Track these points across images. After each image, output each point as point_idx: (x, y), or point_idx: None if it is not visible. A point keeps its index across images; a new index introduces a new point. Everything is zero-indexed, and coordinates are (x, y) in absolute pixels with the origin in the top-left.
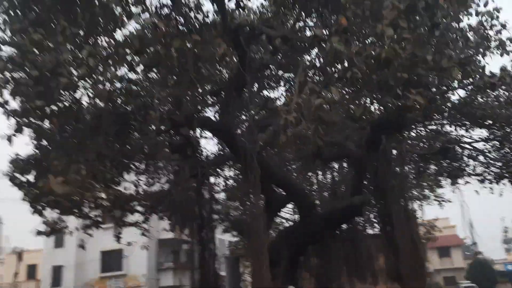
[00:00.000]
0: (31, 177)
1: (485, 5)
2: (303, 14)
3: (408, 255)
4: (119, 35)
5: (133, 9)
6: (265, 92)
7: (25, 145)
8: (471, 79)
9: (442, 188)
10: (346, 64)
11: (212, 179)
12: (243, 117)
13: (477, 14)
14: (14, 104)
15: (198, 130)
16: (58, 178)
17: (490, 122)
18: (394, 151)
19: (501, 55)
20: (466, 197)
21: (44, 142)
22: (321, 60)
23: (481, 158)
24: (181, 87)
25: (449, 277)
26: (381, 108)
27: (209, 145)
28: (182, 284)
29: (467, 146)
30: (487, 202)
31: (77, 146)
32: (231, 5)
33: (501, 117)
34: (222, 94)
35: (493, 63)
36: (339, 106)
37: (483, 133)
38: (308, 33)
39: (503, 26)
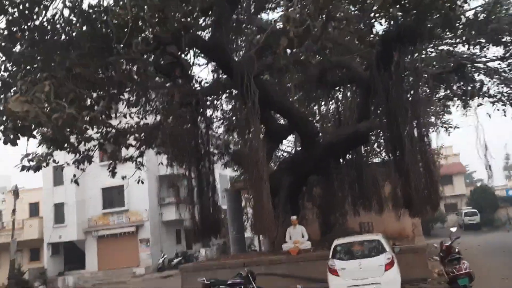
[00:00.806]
0: None
1: None
2: None
3: (421, 181)
4: None
5: None
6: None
7: None
8: None
9: (450, 114)
10: None
11: (209, 112)
12: (239, 40)
13: None
14: None
15: (190, 55)
16: (18, 97)
17: (507, 38)
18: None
19: None
20: (471, 126)
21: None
22: None
23: (495, 78)
24: (167, 2)
25: (451, 204)
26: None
27: (204, 73)
28: (184, 218)
29: (481, 65)
30: (489, 131)
31: (45, 63)
32: None
33: None
34: (215, 11)
35: None
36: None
37: (498, 51)
38: None
39: None
